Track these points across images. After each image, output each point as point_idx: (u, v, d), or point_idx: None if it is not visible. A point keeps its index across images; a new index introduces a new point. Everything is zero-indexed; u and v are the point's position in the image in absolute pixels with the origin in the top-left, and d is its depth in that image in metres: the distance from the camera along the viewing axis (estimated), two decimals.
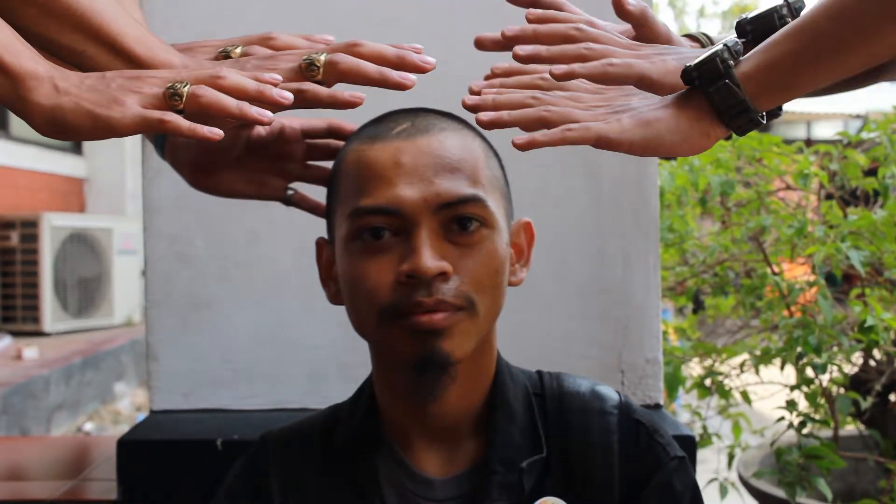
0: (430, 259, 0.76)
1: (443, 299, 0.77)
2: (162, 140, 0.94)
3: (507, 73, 0.82)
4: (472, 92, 0.81)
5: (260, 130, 0.88)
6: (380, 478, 0.85)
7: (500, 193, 0.85)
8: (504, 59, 0.88)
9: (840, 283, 2.20)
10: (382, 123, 0.84)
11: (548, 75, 0.80)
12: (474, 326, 0.80)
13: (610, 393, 0.89)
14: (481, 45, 0.88)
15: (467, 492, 0.84)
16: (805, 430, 1.73)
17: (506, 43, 0.81)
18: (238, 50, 0.78)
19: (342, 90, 0.70)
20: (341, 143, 0.92)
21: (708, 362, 2.02)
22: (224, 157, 0.88)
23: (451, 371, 0.80)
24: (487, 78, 0.82)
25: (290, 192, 0.96)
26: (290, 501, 0.87)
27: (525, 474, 0.83)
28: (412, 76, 0.71)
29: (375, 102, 0.80)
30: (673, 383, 1.81)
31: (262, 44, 0.78)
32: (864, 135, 1.94)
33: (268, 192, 0.95)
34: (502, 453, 0.83)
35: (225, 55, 0.78)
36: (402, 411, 0.85)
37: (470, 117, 0.77)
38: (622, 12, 0.83)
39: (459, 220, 0.79)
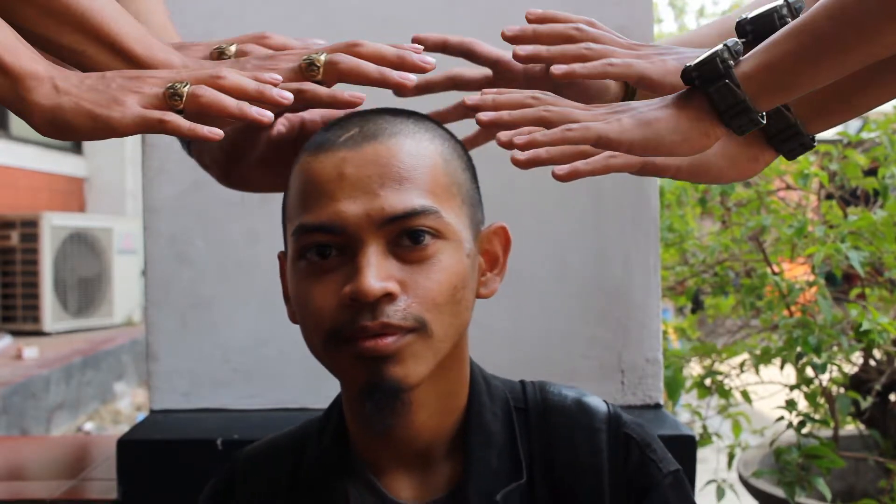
0: (373, 280, 0.70)
1: (388, 322, 0.71)
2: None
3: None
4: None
5: (281, 126, 0.86)
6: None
7: (460, 200, 0.78)
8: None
9: (840, 283, 2.20)
10: (332, 130, 0.78)
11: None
12: (428, 349, 0.73)
13: (598, 405, 0.84)
14: (422, 42, 0.86)
15: None
16: (805, 430, 1.73)
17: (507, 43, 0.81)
18: (233, 48, 0.77)
19: (342, 90, 0.70)
20: None
21: (708, 362, 2.02)
22: (249, 153, 0.87)
23: (404, 397, 0.74)
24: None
25: None
26: None
27: None
28: (412, 76, 0.71)
29: (375, 102, 0.80)
30: (674, 385, 1.80)
31: (256, 43, 0.77)
32: (865, 135, 1.94)
33: None
34: (478, 481, 0.78)
35: (220, 53, 0.78)
36: (370, 435, 0.80)
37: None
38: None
39: (409, 234, 0.73)
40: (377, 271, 0.71)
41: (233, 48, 0.72)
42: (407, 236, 0.73)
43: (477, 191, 0.83)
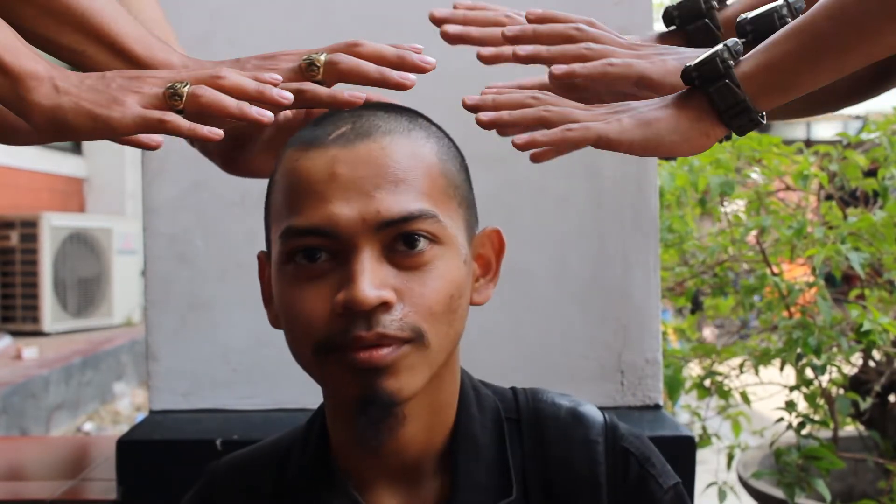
0: (368, 288, 0.66)
1: (384, 333, 0.67)
2: None
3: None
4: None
5: (287, 112, 0.83)
6: None
7: (456, 203, 0.74)
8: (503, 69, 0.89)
9: (840, 283, 2.20)
10: (321, 125, 0.73)
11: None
12: (424, 360, 0.70)
13: (594, 416, 0.80)
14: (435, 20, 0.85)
15: None
16: (804, 431, 1.73)
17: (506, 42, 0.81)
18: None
19: (342, 90, 0.70)
20: None
21: (707, 363, 2.02)
22: (253, 139, 0.85)
23: (397, 411, 0.71)
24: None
25: None
26: None
27: None
28: (412, 76, 0.71)
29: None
30: (674, 386, 1.80)
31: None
32: (864, 136, 1.94)
33: None
34: (466, 497, 0.74)
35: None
36: (356, 449, 0.76)
37: (467, 116, 0.77)
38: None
39: (405, 238, 0.69)
40: (372, 278, 0.67)
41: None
42: (403, 241, 0.69)
43: (471, 191, 0.79)
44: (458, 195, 0.75)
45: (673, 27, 0.88)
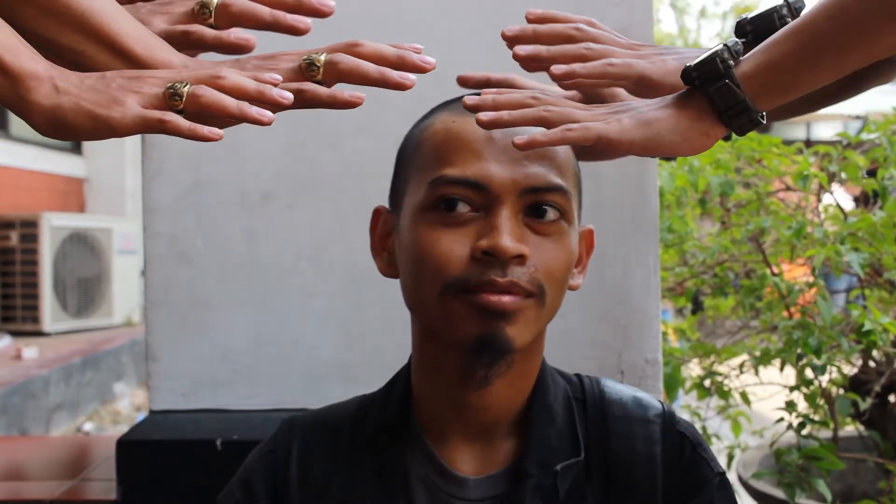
0: (510, 240, 0.74)
1: (516, 282, 0.74)
2: None
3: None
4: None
5: None
6: (409, 474, 0.82)
7: (578, 191, 0.83)
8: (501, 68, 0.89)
9: None
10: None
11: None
12: (539, 316, 0.77)
13: (652, 401, 0.86)
14: (464, 83, 0.90)
15: (501, 493, 0.81)
16: (804, 431, 1.73)
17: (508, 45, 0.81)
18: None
19: (342, 90, 0.70)
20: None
21: (707, 363, 2.02)
22: None
23: (509, 358, 0.77)
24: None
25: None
26: (310, 494, 0.84)
27: (559, 477, 0.80)
28: (412, 76, 0.71)
29: (375, 102, 0.80)
30: (672, 384, 1.81)
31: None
32: (864, 136, 1.94)
33: None
34: (538, 455, 0.80)
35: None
36: (442, 402, 0.82)
37: None
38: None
39: (541, 207, 0.77)
40: (512, 233, 0.74)
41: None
42: (539, 208, 0.77)
43: (582, 193, 0.86)
44: (579, 185, 0.83)
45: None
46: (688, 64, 0.71)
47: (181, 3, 0.73)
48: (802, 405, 1.81)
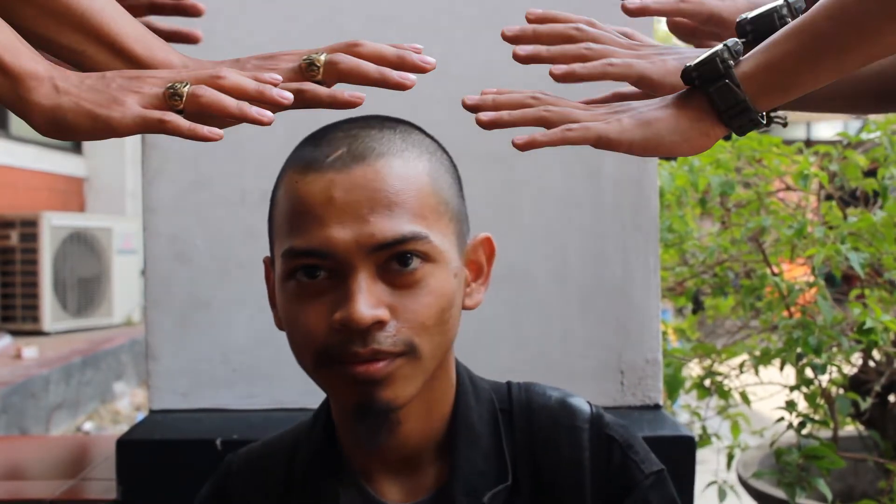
0: (364, 307, 0.71)
1: (379, 349, 0.72)
2: None
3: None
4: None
5: None
6: None
7: (448, 219, 0.79)
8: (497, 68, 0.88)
9: (839, 283, 2.20)
10: (319, 147, 0.78)
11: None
12: (417, 370, 0.75)
13: (581, 406, 0.85)
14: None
15: None
16: (804, 431, 1.73)
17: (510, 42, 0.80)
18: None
19: (342, 90, 0.70)
20: None
21: (707, 363, 2.01)
22: None
23: (393, 417, 0.76)
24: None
25: None
26: None
27: None
28: (412, 76, 0.71)
29: (375, 102, 0.80)
30: (673, 385, 1.80)
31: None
32: (864, 135, 1.94)
33: None
34: (465, 482, 0.79)
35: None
36: (358, 442, 0.82)
37: (467, 115, 0.77)
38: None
39: (398, 258, 0.74)
40: (367, 298, 0.72)
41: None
42: (396, 261, 0.74)
43: (463, 203, 0.83)
44: (449, 211, 0.79)
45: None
46: (688, 64, 0.71)
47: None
48: (802, 405, 1.81)
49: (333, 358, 0.74)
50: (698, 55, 0.71)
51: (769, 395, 2.04)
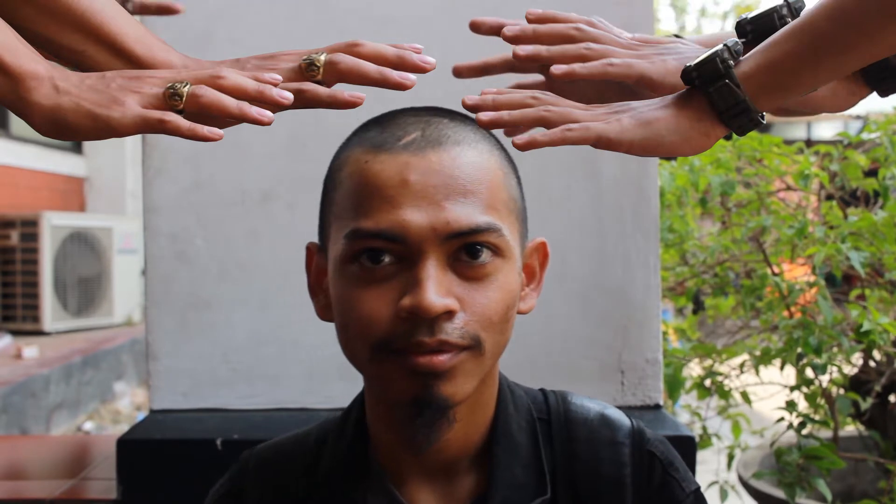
0: (435, 296, 0.68)
1: (447, 340, 0.69)
2: None
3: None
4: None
5: None
6: None
7: (515, 216, 0.77)
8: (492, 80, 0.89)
9: (840, 283, 2.20)
10: (388, 129, 0.74)
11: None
12: (478, 366, 0.72)
13: (621, 420, 0.82)
14: (459, 73, 0.88)
15: None
16: (805, 431, 1.73)
17: (506, 40, 0.80)
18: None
19: (342, 90, 0.70)
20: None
21: (707, 363, 2.01)
22: None
23: (450, 414, 0.73)
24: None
25: None
26: None
27: None
28: (412, 76, 0.71)
29: (375, 102, 0.80)
30: (674, 385, 1.80)
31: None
32: (865, 135, 1.94)
33: None
34: (503, 494, 0.76)
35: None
36: (396, 445, 0.78)
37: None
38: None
39: (470, 249, 0.71)
40: (437, 286, 0.69)
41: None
42: (467, 252, 0.71)
43: (524, 204, 0.81)
44: (517, 208, 0.77)
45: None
46: (688, 64, 0.71)
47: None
48: (803, 405, 1.81)
49: (394, 348, 0.70)
50: (698, 55, 0.71)
51: (769, 395, 2.04)
